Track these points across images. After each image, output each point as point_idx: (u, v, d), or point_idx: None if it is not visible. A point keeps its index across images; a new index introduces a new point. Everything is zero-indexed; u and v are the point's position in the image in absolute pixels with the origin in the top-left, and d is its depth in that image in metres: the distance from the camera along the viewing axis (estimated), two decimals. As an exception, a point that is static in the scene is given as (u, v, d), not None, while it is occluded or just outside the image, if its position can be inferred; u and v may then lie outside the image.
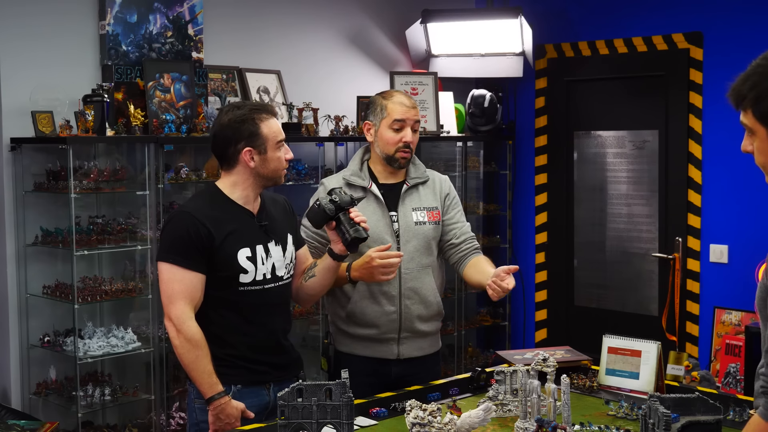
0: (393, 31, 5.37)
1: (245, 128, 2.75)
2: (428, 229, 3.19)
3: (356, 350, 3.16)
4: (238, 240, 2.74)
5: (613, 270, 5.37)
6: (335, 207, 2.81)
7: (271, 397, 2.81)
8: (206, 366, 2.67)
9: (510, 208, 5.68)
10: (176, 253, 2.68)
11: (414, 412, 2.19)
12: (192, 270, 2.68)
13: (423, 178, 3.25)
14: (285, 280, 2.87)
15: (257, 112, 2.78)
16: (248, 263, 2.74)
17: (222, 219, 2.75)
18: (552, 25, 5.47)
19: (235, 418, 2.67)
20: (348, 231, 2.80)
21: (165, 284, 2.70)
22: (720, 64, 4.80)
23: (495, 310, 5.72)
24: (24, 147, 3.84)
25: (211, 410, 2.67)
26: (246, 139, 2.75)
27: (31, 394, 3.90)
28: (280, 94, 4.71)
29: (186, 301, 2.67)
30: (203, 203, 2.80)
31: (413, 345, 3.18)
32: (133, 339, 3.96)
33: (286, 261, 2.87)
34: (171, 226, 2.78)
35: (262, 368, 2.80)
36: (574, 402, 2.60)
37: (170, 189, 4.17)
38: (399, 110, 3.14)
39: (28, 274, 3.91)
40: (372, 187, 3.17)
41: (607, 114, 5.35)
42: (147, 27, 4.20)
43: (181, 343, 2.66)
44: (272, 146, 2.78)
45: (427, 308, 3.20)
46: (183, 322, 2.65)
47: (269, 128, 2.78)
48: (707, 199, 4.91)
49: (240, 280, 2.74)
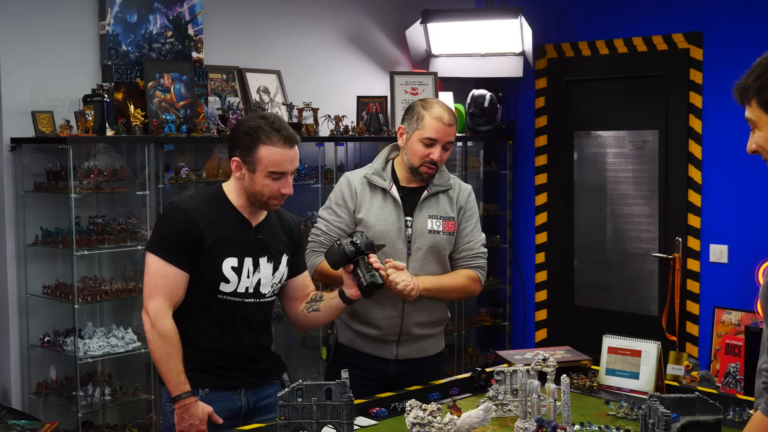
0: (393, 31, 5.37)
1: (245, 140, 2.67)
2: (441, 238, 3.13)
3: (357, 345, 3.16)
4: (226, 248, 2.70)
5: (613, 270, 5.37)
6: (355, 250, 2.76)
7: (243, 402, 2.76)
8: (176, 365, 2.63)
9: (510, 208, 5.68)
10: (164, 248, 2.66)
11: (414, 412, 2.19)
12: (177, 267, 2.65)
13: (445, 186, 3.18)
14: (267, 298, 2.81)
15: (268, 134, 2.65)
16: (232, 273, 2.70)
17: (216, 223, 2.70)
18: (552, 25, 5.47)
19: (200, 420, 2.62)
20: (365, 276, 2.75)
21: (148, 277, 2.68)
22: (720, 64, 4.80)
23: (495, 310, 5.72)
24: (24, 147, 3.84)
25: (176, 409, 2.63)
26: (240, 149, 2.69)
27: (31, 394, 3.90)
28: (280, 94, 4.71)
29: (166, 297, 2.65)
30: (202, 202, 2.76)
31: (413, 347, 3.17)
32: (133, 339, 3.96)
33: (274, 280, 2.80)
34: (165, 219, 2.77)
35: (233, 374, 2.75)
36: (574, 402, 2.60)
37: (170, 189, 4.17)
38: (434, 127, 3.04)
39: (28, 274, 3.91)
40: (392, 189, 3.12)
41: (607, 114, 5.35)
42: (147, 27, 4.20)
43: (153, 338, 2.64)
44: (262, 171, 2.66)
45: (431, 315, 3.18)
46: (159, 318, 2.63)
47: (269, 155, 2.65)
48: (707, 199, 4.91)
49: (220, 288, 2.70)
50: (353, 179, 3.15)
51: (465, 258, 3.20)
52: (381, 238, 3.04)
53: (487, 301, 5.77)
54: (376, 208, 3.10)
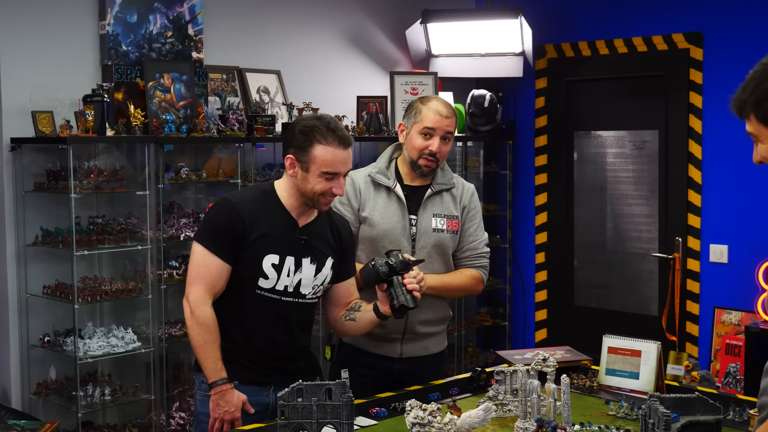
0: (393, 31, 5.37)
1: (301, 138, 2.70)
2: (446, 237, 3.15)
3: (360, 344, 3.16)
4: (269, 244, 2.73)
5: (613, 270, 5.37)
6: (389, 270, 2.76)
7: (271, 398, 2.79)
8: (214, 352, 2.68)
9: (510, 208, 5.68)
10: (209, 238, 2.71)
11: (414, 412, 2.19)
12: (220, 258, 2.70)
13: (449, 185, 3.21)
14: (308, 299, 2.83)
15: (323, 134, 2.68)
16: (271, 270, 2.73)
17: (262, 219, 2.73)
18: (552, 25, 5.47)
19: (235, 407, 2.67)
20: (397, 297, 2.75)
21: (192, 264, 2.74)
22: (720, 64, 4.80)
23: (495, 310, 5.72)
24: (24, 147, 3.84)
25: (213, 395, 2.67)
26: (295, 147, 2.72)
27: (31, 394, 3.90)
28: (280, 94, 4.71)
29: (206, 286, 2.69)
30: (251, 197, 2.80)
31: (416, 345, 3.18)
32: (133, 339, 3.96)
33: (316, 282, 2.82)
34: (213, 210, 2.82)
35: (264, 370, 2.79)
36: (574, 402, 2.60)
37: (170, 189, 4.17)
38: (431, 118, 3.09)
39: (28, 274, 3.91)
40: (396, 188, 3.14)
41: (607, 114, 5.35)
42: (147, 27, 4.20)
43: (192, 325, 2.69)
44: (315, 170, 2.69)
45: (435, 313, 3.19)
46: (198, 306, 2.68)
47: (323, 154, 2.68)
48: (707, 199, 4.91)
49: (259, 283, 2.73)
50: (357, 178, 3.17)
51: (469, 257, 3.21)
52: (385, 236, 3.07)
53: (487, 301, 5.77)
54: (381, 207, 3.11)
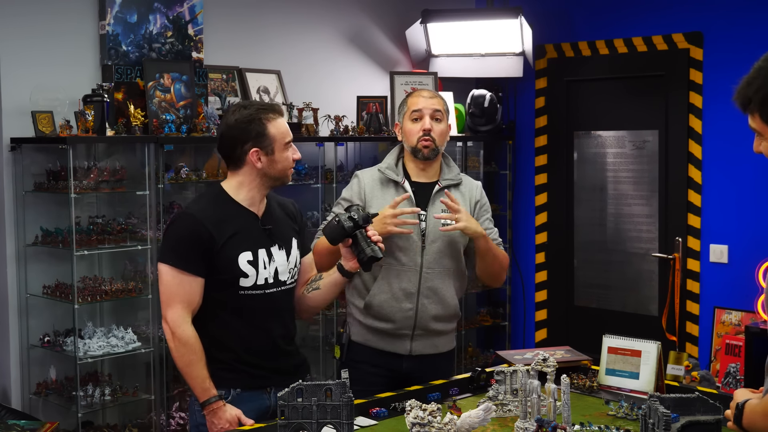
0: (393, 31, 5.37)
1: (252, 128, 2.73)
2: (456, 232, 3.16)
3: (370, 342, 3.17)
4: (240, 243, 2.73)
5: (613, 270, 5.37)
6: (353, 224, 2.79)
7: (272, 401, 2.78)
8: (200, 371, 2.66)
9: (510, 208, 5.68)
10: (177, 256, 2.68)
11: (414, 412, 2.19)
12: (191, 274, 2.67)
13: (456, 180, 3.26)
14: (288, 284, 2.85)
15: (264, 112, 2.76)
16: (249, 267, 2.73)
17: (225, 221, 2.73)
18: (552, 25, 5.47)
19: (230, 423, 2.65)
20: (364, 250, 2.79)
21: (164, 286, 2.70)
22: (720, 64, 4.80)
23: (495, 310, 5.72)
24: (24, 147, 3.84)
25: (206, 415, 2.67)
26: (253, 139, 2.73)
27: (31, 394, 3.90)
28: (280, 94, 4.71)
29: (183, 305, 2.67)
30: (207, 204, 2.79)
31: (426, 342, 3.20)
32: (133, 339, 3.96)
33: (290, 265, 2.85)
34: (173, 227, 2.78)
35: (262, 373, 2.78)
36: (574, 402, 2.60)
37: (170, 189, 4.17)
38: (416, 101, 3.22)
39: (28, 274, 3.91)
40: (404, 184, 3.19)
41: (607, 114, 5.35)
42: (147, 27, 4.20)
43: (176, 347, 2.67)
44: (280, 147, 2.76)
45: (445, 309, 3.21)
46: (178, 326, 2.66)
47: (277, 128, 2.76)
48: (707, 199, 4.91)
49: (240, 284, 2.73)
50: (363, 177, 3.23)
51: None
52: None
53: (487, 301, 5.77)
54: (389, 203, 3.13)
